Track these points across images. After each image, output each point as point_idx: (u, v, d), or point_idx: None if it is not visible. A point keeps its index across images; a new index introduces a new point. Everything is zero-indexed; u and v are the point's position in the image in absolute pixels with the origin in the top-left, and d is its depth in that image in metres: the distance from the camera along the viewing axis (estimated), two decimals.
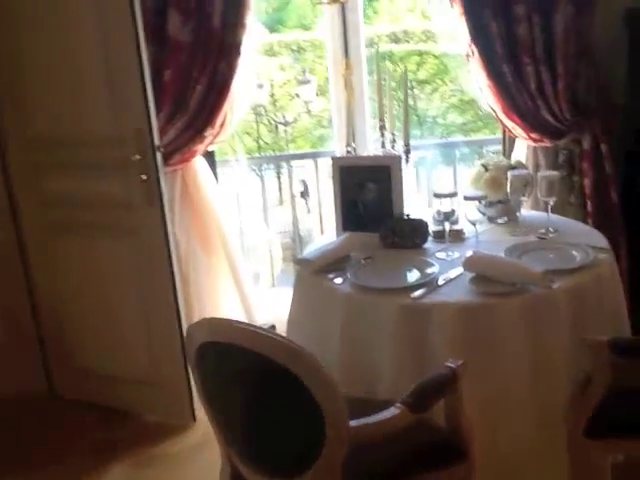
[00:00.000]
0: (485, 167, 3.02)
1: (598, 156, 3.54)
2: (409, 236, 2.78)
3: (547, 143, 3.55)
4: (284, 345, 1.79)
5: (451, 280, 2.49)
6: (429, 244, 2.81)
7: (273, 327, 2.30)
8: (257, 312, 3.69)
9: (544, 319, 2.35)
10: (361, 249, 2.75)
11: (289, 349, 1.78)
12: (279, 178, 10.48)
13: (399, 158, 2.87)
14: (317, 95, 11.75)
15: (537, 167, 3.60)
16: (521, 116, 3.48)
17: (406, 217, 2.83)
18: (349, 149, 3.01)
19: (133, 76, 2.94)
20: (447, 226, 2.70)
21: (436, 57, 12.11)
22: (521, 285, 2.36)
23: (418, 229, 2.79)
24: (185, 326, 3.23)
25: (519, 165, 3.05)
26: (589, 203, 3.59)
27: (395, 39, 12.12)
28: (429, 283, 2.45)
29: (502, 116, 3.54)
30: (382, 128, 3.02)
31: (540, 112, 3.44)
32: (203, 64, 3.30)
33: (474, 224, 2.69)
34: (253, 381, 1.90)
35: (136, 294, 3.32)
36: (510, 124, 3.54)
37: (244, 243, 4.31)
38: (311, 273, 2.65)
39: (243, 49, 3.32)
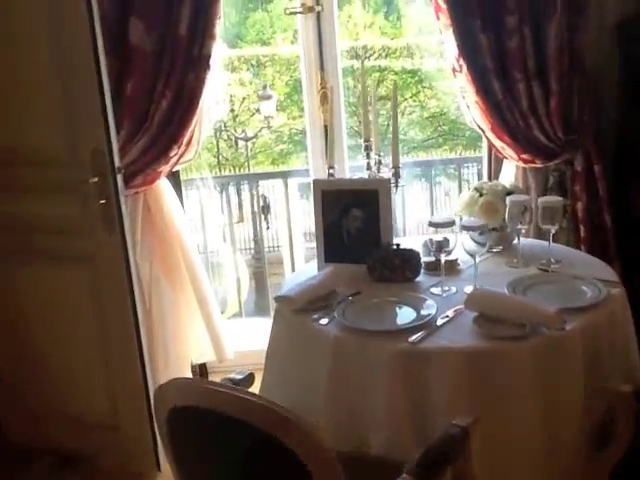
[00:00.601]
0: (479, 191, 2.76)
1: (591, 178, 3.34)
2: (399, 269, 2.51)
3: (538, 164, 3.33)
4: (270, 411, 1.51)
5: (450, 320, 2.22)
6: (421, 277, 2.54)
7: (251, 376, 2.01)
8: (227, 348, 3.40)
9: (557, 364, 2.11)
10: (347, 283, 2.47)
11: (277, 416, 1.50)
12: (239, 195, 10.26)
13: (388, 181, 2.60)
14: (277, 110, 11.59)
15: (527, 190, 3.37)
16: (511, 135, 3.25)
17: (395, 247, 2.56)
18: (331, 171, 2.73)
19: (91, 90, 2.64)
20: (442, 257, 2.41)
21: (396, 73, 12.02)
22: (531, 327, 2.10)
23: (409, 261, 2.52)
24: (148, 364, 2.97)
25: (516, 189, 2.79)
26: (581, 228, 3.38)
27: (355, 55, 12.01)
28: (427, 324, 2.18)
29: (491, 135, 3.30)
30: (368, 148, 2.75)
31: (532, 131, 3.22)
32: (168, 76, 3.00)
33: (473, 256, 2.42)
34: (233, 449, 1.63)
35: (93, 329, 3.01)
36: (499, 144, 3.30)
37: (209, 266, 4.04)
38: (292, 312, 2.36)
39: (212, 62, 3.04)
